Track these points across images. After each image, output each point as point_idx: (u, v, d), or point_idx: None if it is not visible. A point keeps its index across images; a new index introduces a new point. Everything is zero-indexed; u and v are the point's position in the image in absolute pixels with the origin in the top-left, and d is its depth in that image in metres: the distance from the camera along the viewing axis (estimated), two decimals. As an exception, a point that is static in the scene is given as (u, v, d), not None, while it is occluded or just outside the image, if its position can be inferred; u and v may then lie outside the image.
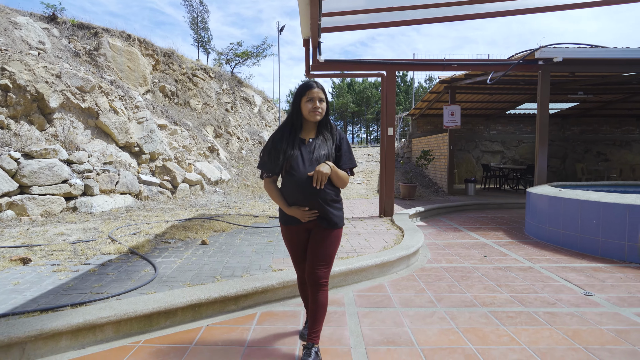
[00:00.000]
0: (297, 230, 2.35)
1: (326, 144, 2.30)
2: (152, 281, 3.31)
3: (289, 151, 2.23)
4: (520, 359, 2.39)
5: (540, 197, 5.81)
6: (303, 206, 2.25)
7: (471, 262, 4.63)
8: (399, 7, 6.13)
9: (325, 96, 2.31)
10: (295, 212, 2.26)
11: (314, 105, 2.25)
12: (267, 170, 2.32)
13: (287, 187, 2.28)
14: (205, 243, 4.70)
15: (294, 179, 2.22)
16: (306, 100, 2.25)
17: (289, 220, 2.33)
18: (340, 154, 2.33)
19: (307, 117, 2.27)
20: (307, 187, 2.20)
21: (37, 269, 3.59)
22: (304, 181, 2.20)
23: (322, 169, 2.19)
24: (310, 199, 2.23)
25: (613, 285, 3.77)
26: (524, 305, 3.27)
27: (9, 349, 2.27)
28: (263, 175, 2.36)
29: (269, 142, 2.32)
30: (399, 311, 3.14)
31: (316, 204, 2.24)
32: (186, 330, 2.77)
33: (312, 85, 2.27)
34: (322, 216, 2.28)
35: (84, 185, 7.12)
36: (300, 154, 2.25)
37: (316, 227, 2.33)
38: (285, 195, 2.31)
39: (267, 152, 2.31)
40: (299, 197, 2.24)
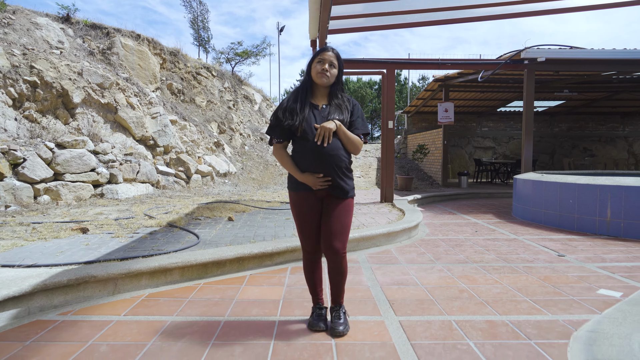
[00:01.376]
0: (307, 196, 2.27)
1: (340, 110, 2.26)
2: (198, 244, 3.95)
3: (303, 112, 2.18)
4: (501, 292, 3.08)
5: (525, 182, 6.53)
6: (316, 172, 2.20)
7: (464, 235, 5.33)
8: (396, 12, 6.80)
9: (338, 63, 2.25)
10: (308, 179, 2.20)
11: (323, 67, 2.20)
12: (277, 135, 2.26)
13: (300, 153, 2.22)
14: (232, 219, 5.35)
15: (308, 143, 2.17)
16: (317, 62, 2.22)
17: (300, 186, 2.27)
18: (353, 119, 2.29)
19: (315, 78, 2.23)
20: (321, 152, 2.15)
21: (97, 236, 4.22)
22: (318, 146, 2.15)
23: (328, 124, 2.15)
24: (324, 165, 2.17)
25: (582, 250, 4.49)
26: (507, 262, 3.97)
27: (106, 283, 2.91)
28: (272, 140, 2.28)
29: (280, 106, 2.26)
30: (404, 266, 3.82)
31: (330, 170, 2.18)
32: (234, 277, 3.43)
33: (328, 48, 2.24)
34: (334, 184, 2.23)
35: (109, 173, 7.73)
36: (314, 118, 2.21)
37: (328, 197, 2.29)
38: (297, 161, 2.24)
39: (279, 113, 2.23)
40: (312, 162, 2.18)
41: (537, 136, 17.11)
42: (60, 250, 3.57)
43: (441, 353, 2.12)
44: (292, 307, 2.74)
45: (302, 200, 2.28)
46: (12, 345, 2.17)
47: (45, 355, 2.07)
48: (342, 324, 2.32)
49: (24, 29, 9.44)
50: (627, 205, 5.02)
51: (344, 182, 2.25)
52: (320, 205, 2.31)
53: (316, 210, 2.30)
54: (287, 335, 2.31)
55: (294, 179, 2.29)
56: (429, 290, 3.13)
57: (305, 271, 2.44)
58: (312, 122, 2.19)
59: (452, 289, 3.16)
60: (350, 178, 2.29)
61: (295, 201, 2.31)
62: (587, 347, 2.14)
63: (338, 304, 2.41)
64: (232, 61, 21.29)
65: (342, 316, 2.36)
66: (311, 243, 2.33)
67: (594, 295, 3.00)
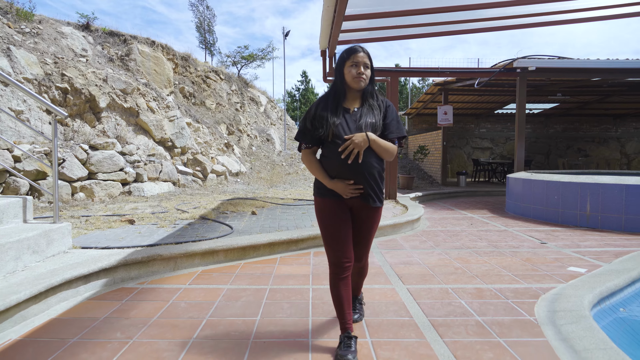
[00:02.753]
0: (336, 204, 2.14)
1: (372, 112, 2.13)
2: (233, 233, 4.64)
3: (332, 119, 2.07)
4: (489, 269, 3.77)
5: (516, 180, 7.22)
6: (347, 179, 2.08)
7: (460, 227, 6.02)
8: (396, 26, 7.47)
9: (370, 62, 2.14)
10: (338, 186, 2.08)
11: (359, 71, 2.09)
12: (306, 141, 2.15)
13: (330, 158, 2.10)
14: (255, 213, 6.04)
15: (334, 150, 2.06)
16: (350, 65, 2.10)
17: (328, 192, 2.14)
18: (386, 122, 2.15)
19: (351, 83, 2.11)
20: (351, 162, 2.05)
21: (144, 226, 4.91)
22: (339, 150, 2.05)
23: (357, 139, 2.01)
24: (355, 172, 2.06)
25: (563, 238, 5.17)
26: (496, 248, 4.65)
27: (169, 261, 3.60)
28: (302, 146, 2.19)
29: (311, 110, 2.15)
30: (409, 251, 4.51)
31: (362, 178, 2.07)
32: (267, 259, 4.11)
33: (357, 49, 2.10)
34: (366, 193, 2.11)
35: (136, 173, 8.42)
36: (346, 122, 2.09)
37: (359, 206, 2.16)
38: (326, 167, 2.12)
39: (308, 120, 2.13)
40: (342, 169, 2.06)
41: (533, 137, 17.81)
42: (121, 237, 4.26)
43: (439, 307, 2.80)
44: (320, 279, 3.43)
45: (330, 208, 2.13)
46: (112, 303, 2.86)
47: (141, 309, 2.76)
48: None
49: (51, 38, 10.12)
50: (604, 200, 5.71)
51: (377, 190, 2.14)
52: (349, 213, 2.19)
53: (346, 218, 2.15)
54: (320, 298, 2.99)
55: (321, 184, 2.16)
56: (430, 267, 3.82)
57: (332, 291, 2.16)
58: (343, 126, 2.08)
59: (448, 267, 3.85)
60: (382, 183, 2.19)
61: (322, 209, 2.16)
62: (549, 303, 2.83)
63: (355, 295, 2.58)
64: (238, 64, 22.00)
65: (357, 306, 2.57)
66: (341, 255, 2.11)
67: (564, 271, 3.68)
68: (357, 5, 6.15)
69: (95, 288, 3.12)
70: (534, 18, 7.35)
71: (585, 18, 7.46)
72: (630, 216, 5.48)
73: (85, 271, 2.98)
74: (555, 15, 7.07)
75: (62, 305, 2.79)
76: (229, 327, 2.47)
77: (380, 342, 2.28)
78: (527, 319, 2.60)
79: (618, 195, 5.58)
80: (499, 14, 7.05)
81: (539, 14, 7.04)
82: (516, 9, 6.63)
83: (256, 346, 2.23)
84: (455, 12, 6.64)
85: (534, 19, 7.49)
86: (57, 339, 2.29)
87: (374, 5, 6.28)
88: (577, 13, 6.90)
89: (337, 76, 2.16)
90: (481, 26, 7.76)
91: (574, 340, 2.24)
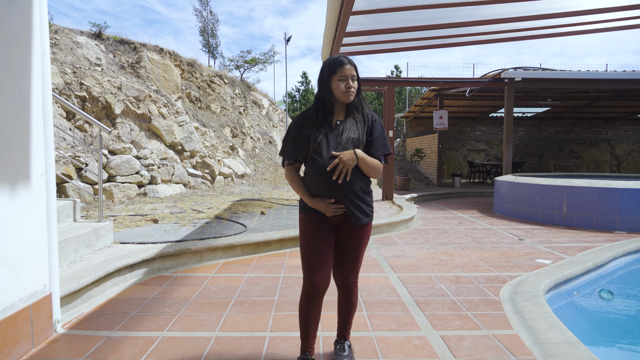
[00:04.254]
0: (319, 220, 2.04)
1: (356, 126, 2.03)
2: (247, 230, 5.27)
3: (314, 135, 1.98)
4: (469, 261, 4.40)
5: (502, 183, 7.85)
6: (327, 198, 1.99)
7: (450, 225, 6.65)
8: (397, 40, 8.10)
9: (357, 73, 2.03)
10: (319, 205, 1.99)
11: (347, 85, 1.99)
12: (288, 157, 2.08)
13: (310, 176, 2.02)
14: (264, 213, 6.67)
15: (317, 165, 1.97)
16: (338, 79, 1.98)
17: (311, 209, 2.05)
18: (372, 138, 2.05)
19: (341, 98, 2.01)
20: (330, 176, 1.94)
21: (167, 225, 5.54)
22: (327, 169, 1.94)
23: (345, 157, 1.92)
24: (335, 190, 1.96)
25: (539, 235, 5.81)
26: (479, 244, 5.29)
27: (195, 254, 4.23)
28: (284, 162, 2.11)
29: (292, 126, 2.07)
30: (401, 246, 5.14)
31: (342, 196, 1.97)
32: (278, 253, 4.74)
33: (344, 61, 1.99)
34: (349, 211, 2.00)
35: (150, 176, 9.04)
36: (326, 139, 1.99)
37: (343, 224, 2.07)
38: (307, 184, 2.05)
39: (289, 137, 2.06)
40: (322, 187, 1.98)
41: (526, 139, 18.45)
42: (150, 234, 4.89)
43: (423, 290, 3.43)
44: (325, 269, 4.06)
45: (313, 225, 2.04)
46: (155, 287, 3.49)
47: (180, 291, 3.39)
48: (347, 356, 2.14)
49: (68, 48, 10.74)
50: (578, 201, 6.35)
51: (360, 207, 2.02)
52: (333, 232, 2.09)
53: (328, 237, 2.06)
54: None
55: (303, 200, 2.10)
56: (418, 260, 4.45)
57: (301, 308, 2.08)
58: (323, 142, 1.99)
59: (434, 259, 4.48)
60: (368, 198, 2.08)
61: (305, 225, 2.06)
62: (513, 287, 3.46)
63: (343, 337, 2.26)
64: (240, 68, 22.62)
65: (347, 349, 2.19)
66: (319, 276, 2.00)
67: (533, 262, 4.32)
68: (357, 24, 6.77)
69: (138, 276, 3.75)
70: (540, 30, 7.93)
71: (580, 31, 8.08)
72: (601, 216, 6.12)
73: (131, 261, 3.61)
74: (559, 28, 7.63)
75: (115, 288, 3.43)
76: (254, 304, 3.10)
77: (374, 315, 2.91)
78: (493, 298, 3.23)
79: (590, 197, 6.21)
80: (497, 29, 7.67)
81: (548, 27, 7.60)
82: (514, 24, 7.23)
83: (277, 317, 2.86)
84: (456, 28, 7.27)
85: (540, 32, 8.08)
86: (121, 312, 2.92)
87: (373, 24, 6.91)
88: (575, 27, 7.48)
89: (324, 89, 2.02)
90: (480, 39, 8.39)
91: (525, 312, 2.88)
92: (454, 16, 6.78)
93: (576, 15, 6.59)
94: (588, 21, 7.18)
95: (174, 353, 2.33)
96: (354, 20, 6.45)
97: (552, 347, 2.35)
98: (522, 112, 17.63)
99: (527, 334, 2.57)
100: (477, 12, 6.69)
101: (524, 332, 2.60)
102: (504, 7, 6.40)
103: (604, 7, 6.35)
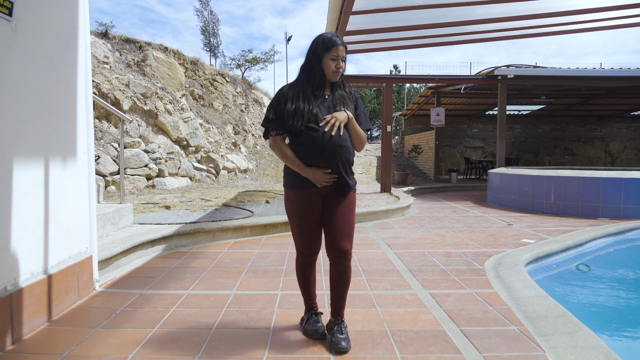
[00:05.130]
0: (310, 194, 2.12)
1: (344, 101, 2.15)
2: (254, 215, 5.65)
3: (308, 107, 2.05)
4: (460, 241, 4.78)
5: (495, 174, 8.25)
6: (324, 168, 2.06)
7: (444, 214, 7.04)
8: (395, 39, 8.49)
9: (346, 55, 2.13)
10: (315, 174, 2.06)
11: (337, 64, 2.08)
12: (275, 127, 2.09)
13: (305, 147, 2.06)
14: (268, 202, 7.05)
15: (315, 135, 2.03)
16: (330, 58, 2.06)
17: (303, 183, 2.10)
18: (357, 113, 2.20)
19: (330, 77, 2.10)
20: (330, 146, 2.03)
21: (179, 211, 5.92)
22: (326, 139, 2.02)
23: (339, 115, 2.06)
24: (333, 157, 2.05)
25: (527, 221, 6.20)
26: (470, 228, 5.68)
27: (208, 234, 4.61)
28: (270, 133, 2.12)
29: (281, 98, 2.09)
30: (398, 230, 5.53)
31: (339, 163, 2.07)
32: (284, 234, 5.13)
33: (338, 41, 2.06)
34: (340, 180, 2.12)
35: (158, 169, 9.42)
36: (319, 110, 2.08)
37: (330, 194, 2.16)
38: (300, 154, 2.08)
39: (280, 109, 2.08)
40: (320, 155, 2.04)
41: (522, 137, 18.86)
42: (164, 217, 5.27)
43: (416, 262, 3.82)
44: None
45: (304, 199, 2.12)
46: (175, 260, 3.87)
47: (198, 263, 3.77)
48: (344, 339, 2.09)
49: (77, 47, 11.10)
50: (565, 191, 6.74)
51: (350, 177, 2.15)
52: (321, 203, 2.18)
53: (318, 208, 2.16)
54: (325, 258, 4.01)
55: (294, 175, 2.12)
56: (413, 240, 4.84)
57: (299, 274, 2.29)
58: (319, 114, 2.07)
59: (428, 239, 4.87)
60: (352, 173, 2.20)
61: (295, 200, 2.14)
62: (497, 259, 3.85)
63: (339, 316, 2.20)
64: (242, 67, 23.02)
65: (344, 330, 2.15)
66: (311, 245, 2.19)
67: (518, 242, 4.71)
68: (357, 23, 7.15)
69: (158, 251, 4.13)
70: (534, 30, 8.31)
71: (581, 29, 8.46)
72: (586, 203, 6.51)
73: (152, 237, 4.00)
74: (553, 27, 8.02)
75: (139, 260, 3.81)
76: (265, 272, 3.49)
77: (372, 279, 3.30)
78: (478, 267, 3.62)
79: (576, 187, 6.61)
80: (491, 28, 8.06)
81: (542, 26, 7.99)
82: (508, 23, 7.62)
83: (286, 281, 3.25)
84: (451, 27, 7.66)
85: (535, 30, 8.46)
86: (148, 277, 3.30)
87: (372, 23, 7.29)
88: (575, 25, 7.86)
89: (314, 62, 2.09)
90: (476, 37, 8.78)
91: (505, 277, 3.26)
92: (449, 16, 7.17)
93: (571, 15, 6.96)
94: (583, 20, 7.55)
95: (199, 304, 2.71)
96: (353, 20, 6.83)
97: (524, 300, 2.74)
98: (518, 110, 18.03)
99: (505, 291, 2.95)
100: (471, 11, 7.08)
101: (502, 290, 2.99)
102: (496, 7, 6.78)
103: (598, 7, 6.72)
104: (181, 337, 2.22)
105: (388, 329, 2.35)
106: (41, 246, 2.34)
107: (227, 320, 2.47)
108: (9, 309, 2.08)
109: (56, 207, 2.47)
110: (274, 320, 2.47)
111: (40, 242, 2.33)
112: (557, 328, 2.26)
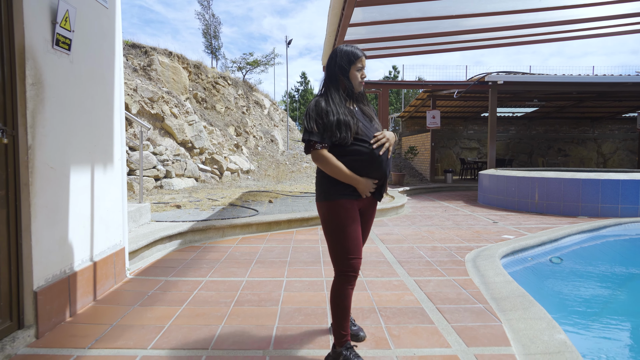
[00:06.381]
0: (352, 205, 2.08)
1: (372, 113, 2.20)
2: (259, 214, 6.13)
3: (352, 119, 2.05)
4: (447, 237, 5.27)
5: (485, 176, 8.73)
6: (374, 179, 2.09)
7: (435, 212, 7.53)
8: (393, 47, 8.98)
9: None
10: (366, 184, 2.06)
11: (362, 75, 2.15)
12: (325, 141, 2.03)
13: (357, 159, 2.04)
14: (271, 202, 7.54)
15: (367, 149, 2.05)
16: (356, 70, 2.12)
17: (341, 194, 2.06)
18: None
19: (357, 87, 2.15)
20: (382, 158, 2.07)
21: (189, 210, 6.40)
22: (377, 152, 2.05)
23: (389, 135, 2.10)
24: (384, 171, 2.10)
25: (511, 219, 6.69)
26: (458, 225, 6.16)
27: (219, 230, 5.10)
28: (315, 146, 2.03)
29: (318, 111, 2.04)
30: (391, 227, 6.02)
31: (386, 176, 2.14)
32: (287, 231, 5.61)
33: (360, 54, 2.13)
34: (382, 190, 2.16)
35: (165, 170, 9.90)
36: (363, 124, 2.09)
37: (367, 203, 2.18)
38: (351, 167, 2.04)
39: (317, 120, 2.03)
40: (373, 169, 2.06)
41: (517, 138, 19.36)
42: (177, 215, 5.75)
43: (405, 254, 4.31)
44: (325, 242, 4.94)
45: (348, 210, 2.06)
46: (191, 253, 4.35)
47: (211, 255, 4.25)
48: (359, 329, 2.40)
49: (87, 53, 11.58)
50: (548, 191, 7.23)
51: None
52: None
53: (358, 220, 2.12)
54: (325, 250, 4.50)
55: (343, 185, 2.06)
56: (404, 236, 5.33)
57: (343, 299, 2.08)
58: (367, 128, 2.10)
59: (418, 235, 5.36)
60: None
61: (340, 213, 2.05)
62: (477, 252, 4.34)
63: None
64: (243, 69, 23.50)
65: (355, 323, 2.45)
66: (359, 260, 2.07)
67: (499, 237, 5.20)
68: (355, 34, 7.64)
69: (175, 245, 4.62)
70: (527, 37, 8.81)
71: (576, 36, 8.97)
72: (567, 203, 7.00)
73: (170, 232, 4.48)
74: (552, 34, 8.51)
75: (159, 253, 4.29)
76: (271, 263, 3.98)
77: (364, 268, 3.78)
78: (459, 259, 4.11)
79: (558, 187, 7.10)
80: (489, 37, 8.54)
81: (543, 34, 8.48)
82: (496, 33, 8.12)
83: (290, 270, 3.73)
84: (442, 37, 8.15)
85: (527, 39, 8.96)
86: (170, 267, 3.79)
87: (369, 33, 7.78)
88: (573, 32, 8.36)
89: (344, 78, 2.12)
90: (465, 46, 9.27)
91: (480, 267, 3.75)
92: (440, 27, 7.67)
93: (566, 24, 7.45)
94: (578, 28, 8.05)
95: (217, 288, 3.20)
96: (351, 31, 7.32)
97: (493, 284, 3.23)
98: (512, 112, 18.52)
99: (478, 278, 3.44)
100: (462, 23, 7.58)
101: (477, 277, 3.47)
102: (486, 19, 7.27)
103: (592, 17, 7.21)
104: (206, 312, 2.71)
105: (376, 306, 2.84)
106: (88, 238, 2.83)
107: (242, 299, 2.95)
108: (68, 288, 2.56)
109: (99, 206, 2.96)
110: (281, 301, 2.95)
111: (88, 235, 2.81)
112: (515, 305, 2.75)
